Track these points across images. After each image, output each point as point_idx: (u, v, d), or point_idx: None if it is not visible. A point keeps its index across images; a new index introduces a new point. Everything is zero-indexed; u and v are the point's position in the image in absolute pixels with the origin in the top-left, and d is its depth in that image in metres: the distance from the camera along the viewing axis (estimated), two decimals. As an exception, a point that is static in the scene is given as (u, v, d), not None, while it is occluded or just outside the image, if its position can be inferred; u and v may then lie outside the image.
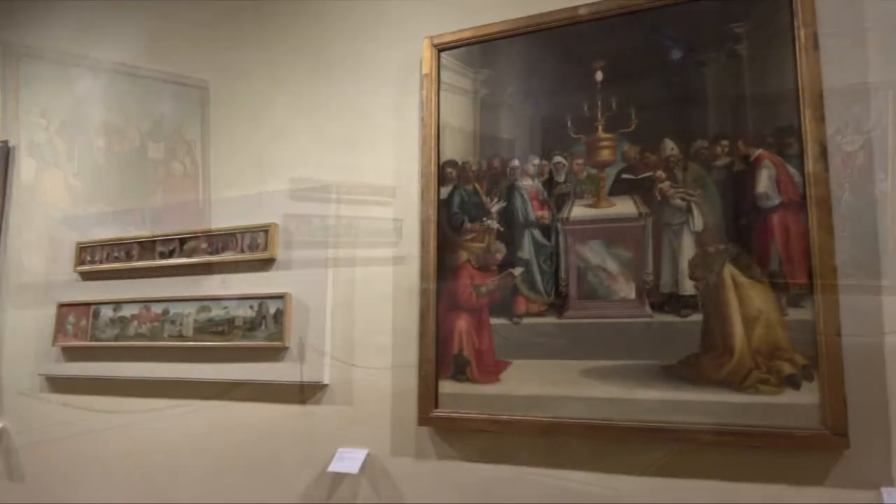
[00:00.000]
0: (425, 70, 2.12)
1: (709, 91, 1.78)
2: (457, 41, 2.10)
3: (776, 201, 1.65)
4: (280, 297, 2.23)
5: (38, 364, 2.77)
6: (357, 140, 2.27)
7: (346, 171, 2.27)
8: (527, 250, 1.90)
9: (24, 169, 3.07)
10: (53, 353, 2.71)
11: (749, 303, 1.64)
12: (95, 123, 2.89)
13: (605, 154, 1.86)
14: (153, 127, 2.72)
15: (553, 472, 1.80)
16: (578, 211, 1.86)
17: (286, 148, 2.40)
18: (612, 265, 1.80)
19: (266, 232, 2.31)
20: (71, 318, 2.66)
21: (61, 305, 2.70)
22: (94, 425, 2.60)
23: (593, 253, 1.83)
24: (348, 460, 2.03)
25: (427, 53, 2.13)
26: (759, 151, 1.69)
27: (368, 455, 2.05)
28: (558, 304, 1.84)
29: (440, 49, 2.12)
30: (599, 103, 1.89)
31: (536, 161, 1.94)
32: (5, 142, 3.11)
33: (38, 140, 3.05)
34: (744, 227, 1.68)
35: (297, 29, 2.46)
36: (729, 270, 1.67)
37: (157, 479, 2.42)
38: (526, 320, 1.87)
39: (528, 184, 1.94)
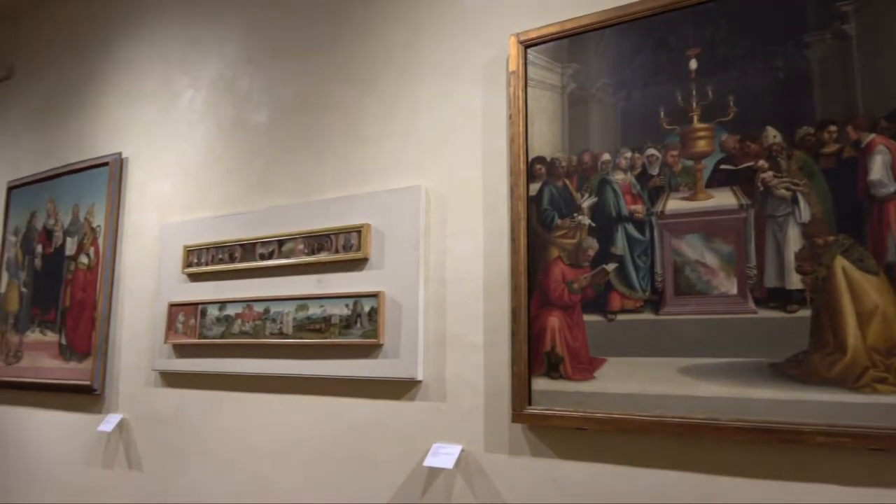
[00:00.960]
0: (512, 67, 2.12)
1: (814, 74, 1.68)
2: (543, 37, 2.09)
3: (892, 188, 1.55)
4: (374, 295, 2.29)
5: (153, 360, 2.96)
6: (445, 140, 2.30)
7: (435, 171, 2.31)
8: (620, 245, 1.87)
9: (136, 178, 3.29)
10: (165, 350, 2.90)
11: (863, 297, 1.55)
12: (197, 135, 3.07)
13: (702, 144, 1.80)
14: (248, 137, 2.86)
15: (652, 472, 1.76)
16: (674, 204, 1.81)
17: (377, 150, 2.46)
18: (711, 259, 1.74)
19: (359, 232, 2.38)
20: (181, 317, 2.83)
21: (171, 305, 2.88)
22: (204, 418, 2.77)
23: (691, 247, 1.77)
24: (443, 455, 2.07)
25: (513, 50, 2.13)
26: (871, 136, 1.59)
27: (463, 451, 2.07)
28: (654, 299, 1.80)
29: (526, 45, 2.11)
30: (694, 92, 1.83)
31: (628, 154, 1.90)
32: (119, 153, 3.35)
33: (148, 151, 3.26)
34: (856, 217, 1.58)
35: (386, 33, 2.52)
36: (840, 263, 1.58)
37: (263, 468, 2.54)
38: (621, 317, 1.84)
39: (620, 178, 1.90)
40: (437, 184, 2.29)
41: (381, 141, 2.46)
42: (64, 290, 3.45)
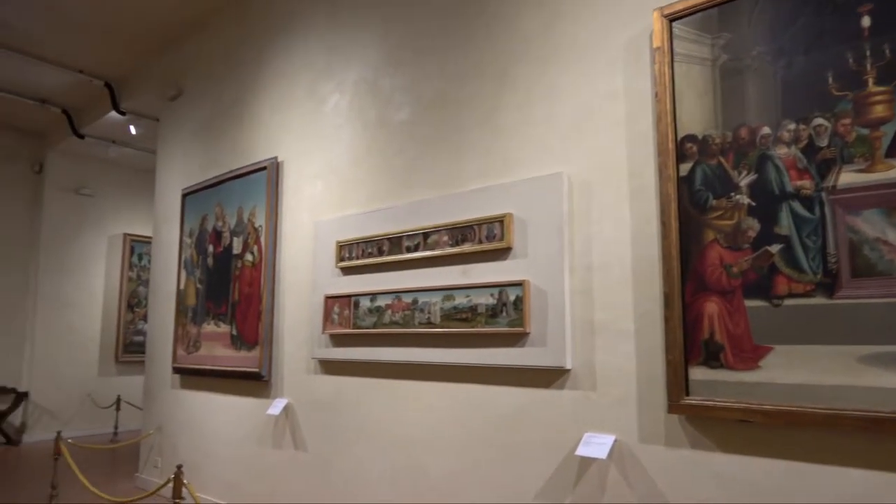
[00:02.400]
0: (656, 43, 2.03)
1: None
2: (689, 8, 1.98)
3: None
4: (518, 284, 2.30)
5: (312, 349, 3.18)
6: (586, 124, 2.25)
7: (576, 157, 2.26)
8: (785, 225, 1.73)
9: (290, 179, 3.53)
10: (323, 340, 3.10)
11: None
12: (343, 136, 3.23)
13: (879, 110, 1.62)
14: (391, 136, 2.97)
15: (830, 469, 1.63)
16: (848, 177, 1.65)
17: (517, 139, 2.46)
18: (894, 237, 1.57)
19: (501, 222, 2.40)
20: (336, 309, 3.01)
21: (327, 297, 3.07)
22: (361, 403, 2.92)
23: (869, 224, 1.61)
24: (596, 445, 2.04)
25: (657, 26, 2.03)
26: None
27: (616, 441, 2.03)
28: (828, 282, 1.65)
29: (671, 19, 2.01)
30: (868, 53, 1.65)
31: (792, 126, 1.75)
32: (275, 157, 3.61)
33: (299, 154, 3.49)
34: None
35: (521, 22, 2.51)
36: None
37: (416, 452, 2.64)
38: (788, 301, 1.71)
39: (782, 152, 1.76)
40: (579, 169, 2.25)
41: (521, 130, 2.45)
42: (233, 285, 3.79)
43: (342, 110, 3.28)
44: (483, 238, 2.46)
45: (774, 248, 1.74)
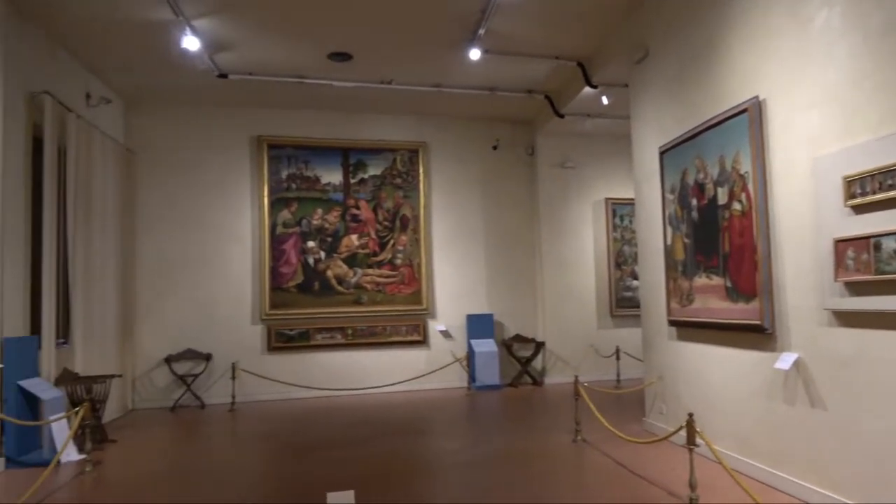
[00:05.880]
0: None
1: None
2: None
3: None
4: None
5: (822, 299, 2.88)
6: None
7: None
8: None
9: (777, 117, 3.25)
10: (836, 288, 2.77)
11: None
12: (839, 54, 2.80)
13: None
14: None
15: None
16: None
17: None
18: None
19: None
20: (850, 253, 2.65)
21: (837, 241, 2.73)
22: (893, 358, 2.52)
23: None
24: None
25: None
26: None
27: None
28: None
29: None
30: None
31: None
32: (755, 97, 3.37)
33: (785, 87, 3.17)
34: None
35: None
36: None
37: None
38: None
39: None
40: None
41: None
42: (722, 236, 3.71)
43: (833, 26, 2.84)
44: None
45: None
